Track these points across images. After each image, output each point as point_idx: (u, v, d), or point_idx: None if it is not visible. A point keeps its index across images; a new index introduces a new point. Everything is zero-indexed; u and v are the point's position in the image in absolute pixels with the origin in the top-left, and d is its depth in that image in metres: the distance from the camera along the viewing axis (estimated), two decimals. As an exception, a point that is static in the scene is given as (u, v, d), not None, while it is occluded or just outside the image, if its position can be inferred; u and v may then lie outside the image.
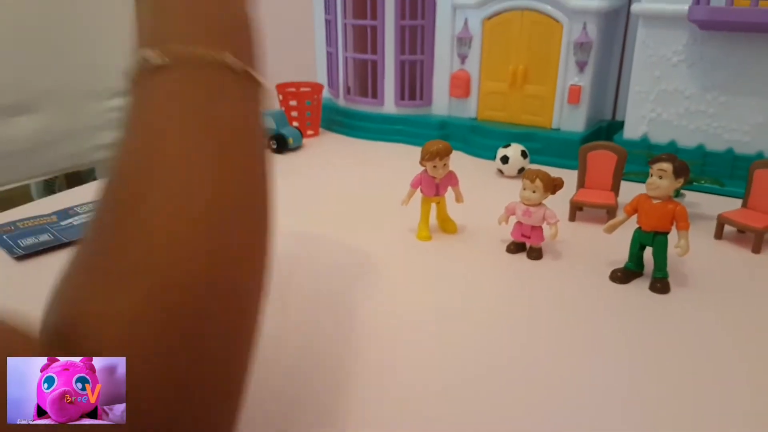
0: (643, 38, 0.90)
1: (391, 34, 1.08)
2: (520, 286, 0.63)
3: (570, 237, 0.71)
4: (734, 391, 0.46)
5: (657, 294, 0.60)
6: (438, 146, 0.68)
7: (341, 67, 1.17)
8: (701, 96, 0.88)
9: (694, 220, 0.73)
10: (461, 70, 1.08)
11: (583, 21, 0.95)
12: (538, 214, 0.66)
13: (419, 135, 1.08)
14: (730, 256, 0.69)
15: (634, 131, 0.94)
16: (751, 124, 0.86)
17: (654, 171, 0.59)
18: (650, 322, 0.56)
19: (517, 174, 0.92)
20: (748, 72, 0.84)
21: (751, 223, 0.69)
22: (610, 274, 0.63)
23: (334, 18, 1.14)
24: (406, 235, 0.73)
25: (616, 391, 0.46)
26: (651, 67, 0.90)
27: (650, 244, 0.61)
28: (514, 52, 1.01)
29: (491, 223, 0.70)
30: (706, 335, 0.53)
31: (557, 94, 1.00)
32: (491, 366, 0.49)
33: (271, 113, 1.06)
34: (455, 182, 0.72)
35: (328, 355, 0.50)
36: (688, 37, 0.86)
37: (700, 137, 0.89)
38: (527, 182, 0.66)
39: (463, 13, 1.05)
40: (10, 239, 0.71)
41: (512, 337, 0.53)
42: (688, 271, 0.63)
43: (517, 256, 0.68)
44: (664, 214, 0.59)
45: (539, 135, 1.00)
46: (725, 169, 0.87)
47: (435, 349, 0.51)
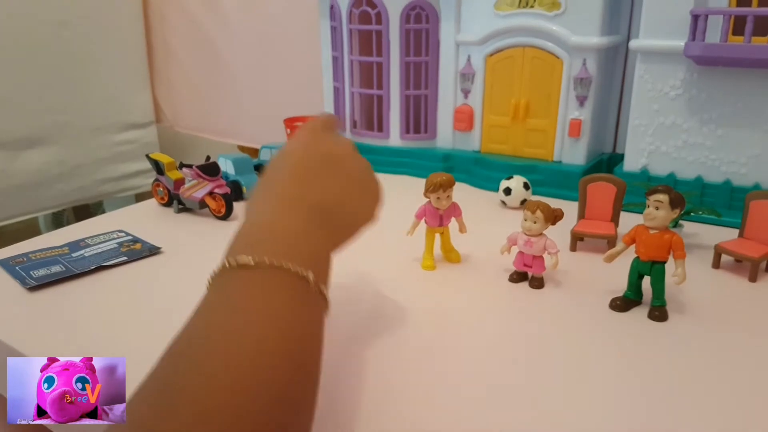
0: (641, 73, 0.92)
1: (396, 70, 1.12)
2: (522, 315, 0.64)
3: (571, 266, 0.73)
4: (732, 417, 0.48)
5: (655, 322, 0.61)
6: (441, 178, 0.70)
7: (348, 102, 1.20)
8: (699, 129, 0.90)
9: (692, 250, 0.75)
10: (465, 105, 1.11)
11: (583, 57, 0.97)
12: (539, 244, 0.67)
13: (424, 167, 1.10)
14: (727, 284, 0.70)
15: (634, 164, 0.96)
16: (747, 156, 0.87)
17: (651, 202, 0.60)
18: (649, 350, 0.57)
19: (519, 205, 0.94)
20: (745, 106, 0.86)
21: (748, 252, 0.70)
22: (610, 302, 0.64)
23: (340, 55, 1.18)
24: (411, 265, 0.74)
25: (615, 418, 0.47)
26: (649, 101, 0.92)
27: (648, 273, 0.62)
28: (516, 87, 1.04)
29: (494, 252, 0.72)
30: (704, 362, 0.55)
31: (558, 127, 1.02)
32: (494, 392, 0.50)
33: (279, 147, 1.08)
34: (459, 213, 0.74)
35: (331, 383, 0.52)
36: (685, 72, 0.89)
37: (698, 169, 0.91)
38: (528, 213, 0.67)
39: (466, 50, 1.08)
40: (22, 270, 0.73)
41: (514, 364, 0.55)
42: (686, 299, 0.65)
43: (520, 285, 0.69)
44: (662, 243, 0.61)
45: (541, 167, 1.03)
46: (723, 200, 0.89)
47: (439, 376, 0.53)
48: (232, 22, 1.56)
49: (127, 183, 1.76)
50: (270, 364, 0.36)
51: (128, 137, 1.73)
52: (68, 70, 1.57)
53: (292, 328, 0.40)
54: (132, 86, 1.72)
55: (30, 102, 1.51)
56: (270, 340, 0.37)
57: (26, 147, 1.53)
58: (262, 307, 0.39)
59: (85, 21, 1.57)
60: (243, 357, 0.35)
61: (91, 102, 1.63)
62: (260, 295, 0.40)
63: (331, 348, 0.57)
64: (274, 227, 0.45)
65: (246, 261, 0.41)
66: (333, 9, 1.16)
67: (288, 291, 0.41)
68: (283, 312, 0.40)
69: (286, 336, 0.39)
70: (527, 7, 0.99)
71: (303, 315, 0.41)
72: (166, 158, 0.96)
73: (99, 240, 0.83)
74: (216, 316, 0.39)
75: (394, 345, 0.57)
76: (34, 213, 1.62)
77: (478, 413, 0.48)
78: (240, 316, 0.38)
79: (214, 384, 0.33)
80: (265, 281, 0.41)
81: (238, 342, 0.36)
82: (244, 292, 0.40)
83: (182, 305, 0.63)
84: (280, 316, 0.39)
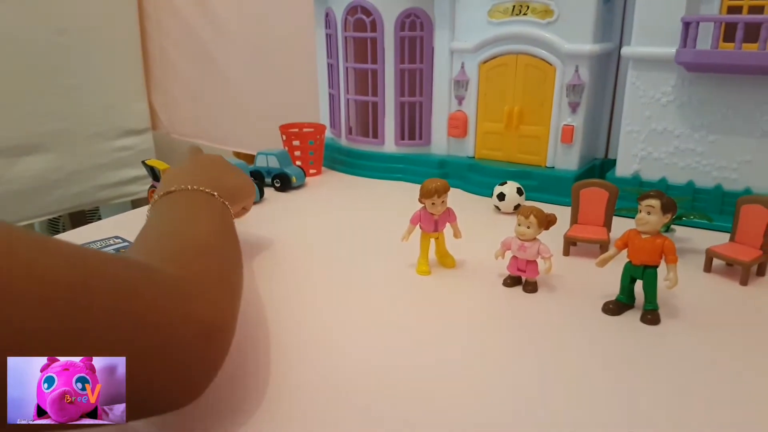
0: (633, 80, 0.93)
1: (391, 77, 1.13)
2: (516, 318, 0.65)
3: (564, 271, 0.73)
4: (724, 420, 0.48)
5: (648, 325, 0.62)
6: (436, 184, 0.71)
7: (343, 109, 1.21)
8: (690, 135, 0.91)
9: (684, 254, 0.76)
10: (459, 111, 1.12)
11: (576, 64, 0.99)
12: (532, 249, 0.68)
13: (419, 173, 1.11)
14: (718, 288, 0.71)
15: (626, 169, 0.97)
16: (738, 161, 0.89)
17: (642, 207, 0.61)
18: (641, 353, 0.58)
19: (513, 210, 0.95)
20: (735, 111, 0.87)
21: (739, 256, 0.71)
22: (603, 306, 0.65)
23: (336, 62, 1.19)
24: (406, 270, 0.75)
25: (609, 421, 0.48)
26: (641, 107, 0.93)
27: (640, 277, 0.63)
28: (510, 94, 1.05)
29: (488, 257, 0.72)
30: (696, 365, 0.55)
31: (551, 134, 1.04)
32: (489, 395, 0.51)
33: (275, 153, 1.09)
34: (453, 218, 0.74)
35: (325, 387, 0.52)
36: (677, 79, 0.90)
37: (689, 174, 0.92)
38: (522, 218, 0.68)
39: (459, 57, 1.09)
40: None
41: (509, 368, 0.55)
42: (678, 303, 0.66)
43: (514, 289, 0.70)
44: (653, 248, 0.61)
45: (534, 173, 1.03)
46: (714, 205, 0.90)
47: (434, 379, 0.53)
48: (229, 30, 1.57)
49: (123, 189, 1.76)
50: (219, 240, 0.58)
51: (125, 144, 1.74)
52: (65, 77, 1.57)
53: (223, 220, 0.63)
54: (128, 93, 1.72)
55: (27, 108, 1.51)
56: (215, 224, 0.61)
57: (23, 153, 1.53)
58: (203, 205, 0.62)
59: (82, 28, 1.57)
60: (203, 231, 0.57)
61: (88, 109, 1.63)
62: (196, 200, 0.63)
63: (328, 351, 0.57)
64: (184, 180, 0.65)
65: (175, 188, 0.63)
66: (328, 17, 1.17)
67: (208, 201, 0.64)
68: (213, 208, 0.63)
69: (222, 223, 0.63)
70: (520, 14, 1.01)
71: (224, 215, 0.64)
72: (162, 164, 0.97)
73: (96, 246, 0.83)
74: (172, 212, 0.60)
75: (389, 349, 0.58)
76: (30, 219, 1.62)
77: (472, 416, 0.48)
78: (190, 209, 0.61)
79: (190, 245, 0.53)
80: (193, 195, 0.63)
81: (196, 223, 0.58)
82: (184, 200, 0.62)
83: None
84: (213, 210, 0.63)
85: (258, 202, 1.02)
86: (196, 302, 0.45)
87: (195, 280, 0.47)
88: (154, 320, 0.40)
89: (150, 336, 0.39)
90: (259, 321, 0.63)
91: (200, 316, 0.44)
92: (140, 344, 0.38)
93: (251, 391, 0.51)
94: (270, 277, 0.73)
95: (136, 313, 0.38)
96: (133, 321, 0.37)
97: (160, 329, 0.40)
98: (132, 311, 0.38)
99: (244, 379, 0.52)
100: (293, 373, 0.54)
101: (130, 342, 0.37)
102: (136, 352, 0.36)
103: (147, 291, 0.40)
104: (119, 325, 0.36)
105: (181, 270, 0.47)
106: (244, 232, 0.89)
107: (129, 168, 1.74)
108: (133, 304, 0.38)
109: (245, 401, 0.49)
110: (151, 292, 0.41)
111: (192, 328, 0.43)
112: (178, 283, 0.45)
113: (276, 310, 0.65)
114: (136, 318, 0.38)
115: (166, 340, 0.40)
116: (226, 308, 0.49)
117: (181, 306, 0.43)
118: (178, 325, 0.42)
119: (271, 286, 0.71)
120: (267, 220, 0.94)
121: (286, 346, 0.58)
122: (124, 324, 0.36)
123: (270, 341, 0.59)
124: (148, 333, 0.38)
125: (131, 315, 0.37)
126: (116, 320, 0.36)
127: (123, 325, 0.36)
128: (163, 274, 0.45)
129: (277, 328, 0.61)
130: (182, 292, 0.44)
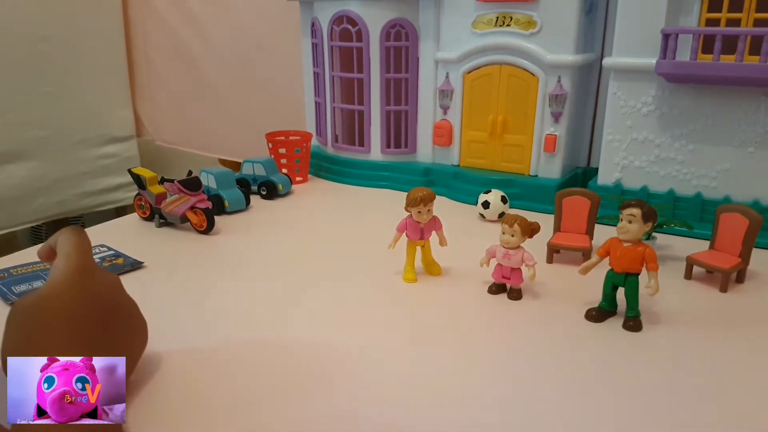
0: (614, 90, 0.95)
1: (376, 86, 1.13)
2: (501, 325, 0.66)
3: (547, 278, 0.74)
4: (706, 423, 0.49)
5: (630, 332, 0.63)
6: (422, 193, 0.71)
7: (329, 117, 1.22)
8: (671, 144, 0.92)
9: (665, 262, 0.77)
10: (444, 120, 1.13)
11: (558, 75, 1.00)
12: (517, 257, 0.69)
13: (404, 181, 1.12)
14: (699, 295, 0.72)
15: (608, 177, 0.98)
16: (717, 170, 0.90)
17: (624, 216, 0.62)
18: (624, 359, 0.58)
19: (497, 218, 0.96)
20: (715, 121, 0.89)
21: (719, 264, 0.73)
22: (586, 313, 0.66)
23: (322, 71, 1.19)
24: (392, 278, 0.76)
25: (591, 426, 0.49)
26: (623, 117, 0.95)
27: (622, 284, 0.64)
28: (494, 103, 1.07)
29: (473, 265, 0.73)
30: (678, 370, 0.56)
31: (534, 143, 1.05)
32: (473, 401, 0.52)
33: (261, 161, 1.10)
34: (439, 227, 0.75)
35: (313, 394, 0.53)
36: (657, 89, 0.91)
37: (670, 183, 0.94)
38: (506, 227, 0.69)
39: (444, 68, 1.10)
40: (4, 286, 0.73)
41: (493, 373, 0.56)
42: (660, 309, 0.67)
43: (499, 296, 0.71)
44: (635, 256, 0.63)
45: (518, 181, 1.05)
46: (694, 213, 0.92)
47: (420, 385, 0.54)
48: (214, 38, 1.57)
49: (107, 197, 1.75)
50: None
51: (109, 151, 1.73)
52: (49, 85, 1.56)
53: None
54: (113, 100, 1.72)
55: (10, 116, 1.50)
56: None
57: (6, 161, 1.52)
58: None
59: (67, 36, 1.57)
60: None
61: (72, 116, 1.62)
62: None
63: (314, 357, 0.58)
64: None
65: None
66: (314, 26, 1.18)
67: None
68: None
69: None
70: (504, 26, 1.02)
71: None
72: (148, 173, 0.97)
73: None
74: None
75: (375, 356, 0.58)
76: (13, 227, 1.60)
77: (456, 422, 0.49)
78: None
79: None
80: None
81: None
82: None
83: (165, 318, 0.64)
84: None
85: (244, 210, 1.02)
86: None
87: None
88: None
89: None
90: (245, 327, 0.63)
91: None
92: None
93: (243, 394, 0.51)
94: (256, 285, 0.74)
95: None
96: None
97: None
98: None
99: (234, 384, 0.53)
100: (278, 379, 0.54)
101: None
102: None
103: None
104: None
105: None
106: (231, 239, 0.89)
107: (113, 176, 1.74)
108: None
109: (237, 407, 0.50)
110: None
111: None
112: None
113: (261, 317, 0.66)
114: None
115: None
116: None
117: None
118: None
119: (257, 293, 0.71)
120: (253, 227, 0.94)
121: (270, 351, 0.58)
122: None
123: (253, 347, 0.59)
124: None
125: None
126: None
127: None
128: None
129: (262, 335, 0.62)
130: None
